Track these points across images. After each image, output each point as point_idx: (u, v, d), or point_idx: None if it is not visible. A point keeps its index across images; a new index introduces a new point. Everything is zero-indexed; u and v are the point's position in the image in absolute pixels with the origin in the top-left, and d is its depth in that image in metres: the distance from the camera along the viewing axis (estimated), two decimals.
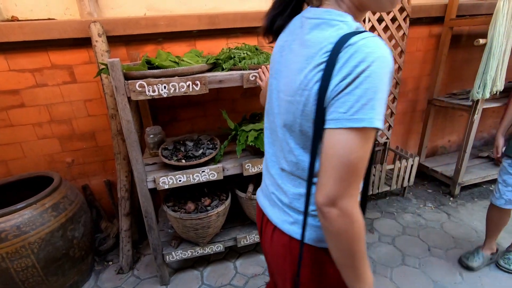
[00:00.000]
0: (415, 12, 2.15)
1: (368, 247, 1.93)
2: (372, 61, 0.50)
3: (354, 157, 0.53)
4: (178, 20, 1.73)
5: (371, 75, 0.50)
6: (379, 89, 0.51)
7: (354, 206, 0.56)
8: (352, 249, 0.59)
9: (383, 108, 0.53)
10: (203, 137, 1.66)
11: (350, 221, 0.56)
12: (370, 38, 0.52)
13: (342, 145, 0.53)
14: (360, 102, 0.51)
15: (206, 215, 1.47)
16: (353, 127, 0.52)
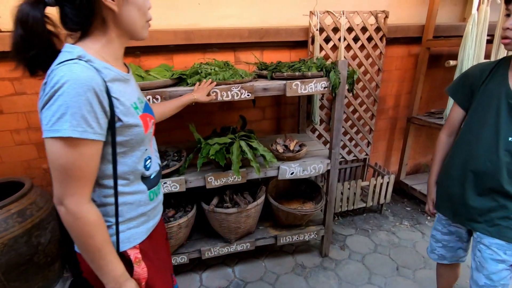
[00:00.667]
0: (391, 32, 2.20)
1: (337, 264, 1.92)
2: (63, 83, 0.61)
3: (63, 162, 0.65)
4: (155, 35, 1.79)
5: (63, 94, 0.61)
6: (71, 105, 0.62)
7: (78, 204, 0.67)
8: (84, 244, 0.69)
9: (81, 121, 0.63)
10: (170, 149, 1.70)
11: (74, 218, 0.67)
12: (66, 64, 0.63)
13: (50, 152, 0.65)
14: (55, 116, 0.62)
15: (167, 226, 1.49)
16: (53, 137, 0.63)
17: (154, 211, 0.90)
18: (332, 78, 1.49)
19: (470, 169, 1.07)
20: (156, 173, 0.90)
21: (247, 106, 2.19)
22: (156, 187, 0.90)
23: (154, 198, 0.88)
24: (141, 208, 0.84)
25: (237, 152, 1.48)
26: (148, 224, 0.87)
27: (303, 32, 2.04)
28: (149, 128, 0.81)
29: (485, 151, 1.03)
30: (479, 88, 1.05)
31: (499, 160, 0.99)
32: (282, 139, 1.84)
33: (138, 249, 0.82)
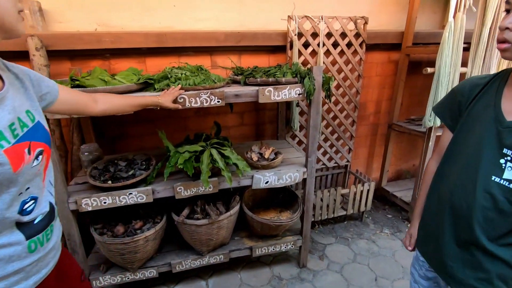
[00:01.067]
0: (371, 38, 2.18)
1: (314, 275, 1.87)
2: None
3: None
4: (124, 37, 1.71)
5: None
6: None
7: None
8: None
9: None
10: (138, 157, 1.61)
11: None
12: None
13: None
14: None
15: (132, 239, 1.40)
16: None
17: (39, 263, 0.72)
18: (306, 85, 1.44)
19: (446, 208, 0.85)
20: (44, 215, 0.72)
21: (224, 111, 2.13)
22: (43, 234, 0.72)
23: (36, 249, 0.70)
24: (14, 264, 0.65)
25: (207, 161, 1.41)
26: (26, 282, 0.69)
27: (281, 36, 1.99)
28: (25, 163, 0.63)
29: (462, 188, 0.80)
30: (466, 108, 0.84)
31: (474, 203, 0.76)
32: (257, 147, 1.78)
33: None
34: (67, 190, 1.36)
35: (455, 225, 0.83)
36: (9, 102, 0.64)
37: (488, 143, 0.75)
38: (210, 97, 1.35)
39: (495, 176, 0.73)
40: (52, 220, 0.76)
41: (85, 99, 0.96)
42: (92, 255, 1.69)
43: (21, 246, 0.66)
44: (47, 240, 0.74)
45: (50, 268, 0.77)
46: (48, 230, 0.74)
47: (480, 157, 0.76)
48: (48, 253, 0.75)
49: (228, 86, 1.55)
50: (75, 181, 1.54)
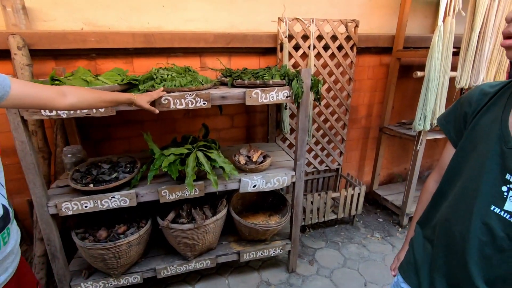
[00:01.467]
0: (362, 42, 2.17)
1: (304, 280, 1.84)
2: None
3: None
4: (110, 37, 1.67)
5: None
6: None
7: None
8: None
9: None
10: (123, 159, 1.58)
11: None
12: None
13: None
14: None
15: (114, 244, 1.36)
16: None
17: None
18: (294, 87, 1.42)
19: (440, 235, 0.74)
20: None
21: (214, 113, 2.10)
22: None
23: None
24: None
25: (192, 164, 1.38)
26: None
27: (271, 38, 1.97)
28: None
29: (457, 215, 0.69)
30: (471, 120, 0.71)
31: (470, 234, 0.65)
32: (246, 150, 1.75)
33: None
34: (46, 193, 1.32)
35: (448, 257, 0.72)
36: None
37: (490, 165, 0.63)
38: (195, 98, 1.32)
39: (495, 206, 0.62)
40: (7, 223, 0.73)
41: (49, 93, 0.89)
42: (75, 260, 1.64)
43: None
44: (4, 244, 0.72)
45: (10, 274, 0.75)
46: (4, 234, 0.72)
47: (480, 181, 0.64)
48: (6, 259, 0.73)
49: (216, 87, 1.52)
50: (57, 184, 1.49)
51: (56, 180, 1.55)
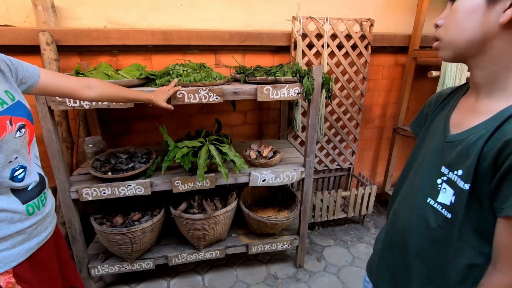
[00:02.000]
0: (377, 41, 2.16)
1: (311, 276, 1.86)
2: None
3: None
4: (131, 34, 1.76)
5: None
6: None
7: None
8: None
9: None
10: (140, 150, 1.66)
11: None
12: None
13: None
14: None
15: (129, 230, 1.44)
16: None
17: (39, 226, 0.83)
18: (305, 84, 1.45)
19: (388, 229, 0.78)
20: (36, 183, 0.82)
21: (228, 109, 2.16)
22: (38, 199, 0.82)
23: (34, 212, 0.81)
24: (16, 225, 0.76)
25: (204, 156, 1.43)
26: (29, 243, 0.80)
27: (285, 37, 2.01)
28: (7, 132, 0.72)
29: (402, 210, 0.73)
30: (429, 120, 0.76)
31: (408, 228, 0.69)
32: (256, 145, 1.79)
33: (11, 273, 0.76)
34: (69, 179, 1.41)
35: (392, 251, 0.75)
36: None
37: (431, 159, 0.66)
38: (208, 93, 1.38)
39: (431, 199, 0.64)
40: (44, 188, 0.86)
41: (74, 84, 0.99)
42: (92, 244, 1.74)
43: (20, 210, 0.77)
44: (43, 205, 0.85)
45: (49, 233, 0.88)
46: (42, 197, 0.84)
47: (422, 175, 0.68)
48: (45, 218, 0.86)
49: (229, 83, 1.57)
50: (78, 171, 1.59)
51: (78, 168, 1.65)
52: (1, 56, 0.83)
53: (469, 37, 0.56)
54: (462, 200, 0.57)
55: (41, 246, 0.84)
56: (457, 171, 0.58)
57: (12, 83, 0.81)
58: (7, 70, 0.81)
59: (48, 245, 0.88)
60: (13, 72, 0.83)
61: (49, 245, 0.88)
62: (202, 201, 1.64)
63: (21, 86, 0.86)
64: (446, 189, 0.61)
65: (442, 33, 0.60)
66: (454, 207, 0.59)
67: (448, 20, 0.59)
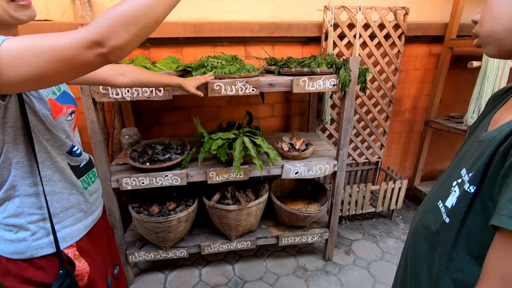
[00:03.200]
0: (411, 30, 2.08)
1: (340, 269, 1.86)
2: None
3: None
4: (163, 27, 1.77)
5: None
6: None
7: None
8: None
9: None
10: (174, 142, 1.69)
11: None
12: None
13: None
14: None
15: (166, 219, 1.48)
16: None
17: (92, 205, 0.90)
18: (342, 76, 1.42)
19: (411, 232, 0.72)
20: (86, 162, 0.89)
21: (256, 102, 2.15)
22: (87, 176, 0.89)
23: (88, 187, 0.88)
24: (75, 196, 0.83)
25: (239, 148, 1.44)
26: (86, 220, 0.87)
27: (316, 27, 1.97)
28: (62, 113, 0.77)
29: (422, 205, 0.70)
30: (479, 118, 0.69)
31: (417, 231, 0.65)
32: (288, 137, 1.79)
33: (75, 247, 0.82)
34: (109, 169, 1.46)
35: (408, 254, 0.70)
36: None
37: (460, 160, 0.61)
38: (245, 85, 1.38)
39: (441, 201, 0.59)
40: (92, 167, 0.93)
41: (109, 71, 1.02)
42: (128, 232, 1.80)
43: (77, 183, 0.84)
44: (92, 182, 0.92)
45: (100, 212, 0.95)
46: (90, 174, 0.91)
47: (446, 176, 0.63)
48: (97, 198, 0.94)
49: (262, 75, 1.56)
50: (116, 161, 1.64)
51: (116, 159, 1.71)
52: None
53: (507, 25, 0.49)
54: (463, 204, 0.52)
55: (95, 224, 0.91)
56: (472, 173, 0.52)
57: None
58: None
59: (100, 223, 0.95)
60: None
61: (100, 223, 0.96)
62: (235, 192, 1.66)
63: None
64: (455, 191, 0.56)
65: (479, 28, 0.55)
66: (453, 211, 0.54)
67: (483, 12, 0.54)
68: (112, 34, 0.52)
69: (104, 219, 1.02)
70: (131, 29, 0.54)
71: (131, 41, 0.55)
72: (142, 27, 0.56)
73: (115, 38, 0.53)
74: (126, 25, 0.53)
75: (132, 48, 0.57)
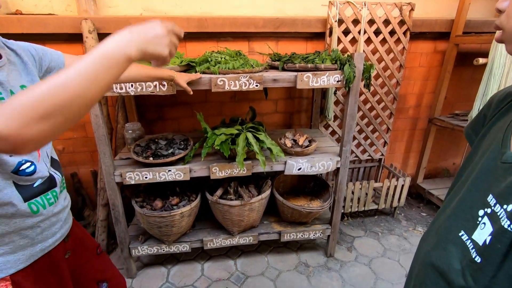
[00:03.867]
0: (417, 26, 2.06)
1: (342, 265, 1.86)
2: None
3: None
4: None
5: None
6: None
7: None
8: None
9: None
10: (177, 137, 1.69)
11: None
12: None
13: None
14: None
15: (169, 214, 1.49)
16: None
17: (45, 231, 0.75)
18: (346, 72, 1.41)
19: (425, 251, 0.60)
20: (43, 180, 0.74)
21: (259, 98, 2.15)
22: (43, 197, 0.74)
23: (39, 211, 0.73)
24: (16, 221, 0.69)
25: (242, 143, 1.44)
26: (32, 248, 0.73)
27: (320, 23, 1.95)
28: None
29: (431, 228, 0.60)
30: (486, 124, 0.59)
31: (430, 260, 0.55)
32: (291, 133, 1.78)
33: (8, 281, 0.69)
34: (113, 164, 1.47)
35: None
36: (2, 77, 0.66)
37: (478, 180, 0.51)
38: (249, 80, 1.37)
39: (464, 232, 0.50)
40: (52, 186, 0.78)
41: None
42: (131, 226, 1.82)
43: (22, 207, 0.69)
44: (50, 204, 0.76)
45: (58, 239, 0.80)
46: (48, 195, 0.76)
47: (463, 198, 0.53)
48: (55, 222, 0.79)
49: (266, 71, 1.56)
50: (120, 156, 1.65)
51: (119, 153, 1.71)
52: (26, 45, 0.78)
53: None
54: (502, 244, 0.42)
55: (47, 253, 0.77)
56: (508, 205, 0.42)
57: (33, 75, 0.76)
58: (30, 61, 0.76)
59: (57, 252, 0.80)
60: (37, 62, 0.79)
61: (58, 252, 0.81)
62: (238, 188, 1.66)
63: (46, 75, 0.82)
64: (485, 224, 0.46)
65: (505, 21, 0.46)
66: (488, 250, 0.44)
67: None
68: (22, 129, 0.40)
69: (75, 243, 0.89)
70: (50, 120, 0.41)
71: (49, 134, 0.42)
72: (67, 116, 0.43)
73: (25, 133, 0.40)
74: (44, 115, 0.40)
75: (50, 139, 0.45)
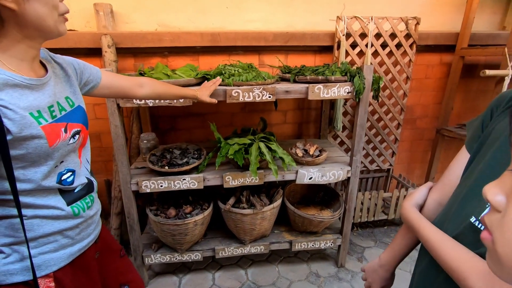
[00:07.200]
0: (423, 39, 2.12)
1: (353, 276, 1.85)
2: None
3: None
4: (182, 37, 1.85)
5: None
6: None
7: None
8: None
9: None
10: (191, 146, 1.73)
11: None
12: None
13: None
14: None
15: (183, 222, 1.52)
16: None
17: (82, 232, 0.82)
18: (356, 83, 1.46)
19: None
20: (83, 186, 0.82)
21: (269, 109, 2.20)
22: (82, 201, 0.82)
23: (79, 213, 0.80)
24: (60, 223, 0.76)
25: (255, 153, 1.48)
26: (72, 248, 0.79)
27: (329, 37, 2.02)
28: (61, 140, 0.71)
29: (451, 222, 0.59)
30: (492, 123, 0.60)
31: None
32: (302, 143, 1.82)
33: (51, 277, 0.74)
34: (130, 172, 1.51)
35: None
36: (50, 88, 0.73)
37: (484, 169, 0.54)
38: (262, 92, 1.42)
39: (474, 217, 0.51)
40: (90, 191, 0.86)
41: (129, 83, 1.03)
42: (143, 235, 1.84)
43: (66, 209, 0.77)
44: (88, 208, 0.84)
45: (92, 240, 0.87)
46: (87, 199, 0.84)
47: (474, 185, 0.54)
48: (90, 224, 0.85)
49: (278, 83, 1.61)
50: (135, 165, 1.69)
51: (134, 162, 1.76)
52: (70, 60, 0.85)
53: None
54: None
55: (83, 253, 0.83)
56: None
57: (75, 88, 0.83)
58: (73, 74, 0.83)
59: (90, 252, 0.87)
60: (79, 75, 0.86)
61: (91, 252, 0.88)
62: (250, 197, 1.69)
63: (84, 88, 0.89)
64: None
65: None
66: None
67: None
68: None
69: (103, 244, 0.96)
70: None
71: None
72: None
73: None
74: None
75: None
